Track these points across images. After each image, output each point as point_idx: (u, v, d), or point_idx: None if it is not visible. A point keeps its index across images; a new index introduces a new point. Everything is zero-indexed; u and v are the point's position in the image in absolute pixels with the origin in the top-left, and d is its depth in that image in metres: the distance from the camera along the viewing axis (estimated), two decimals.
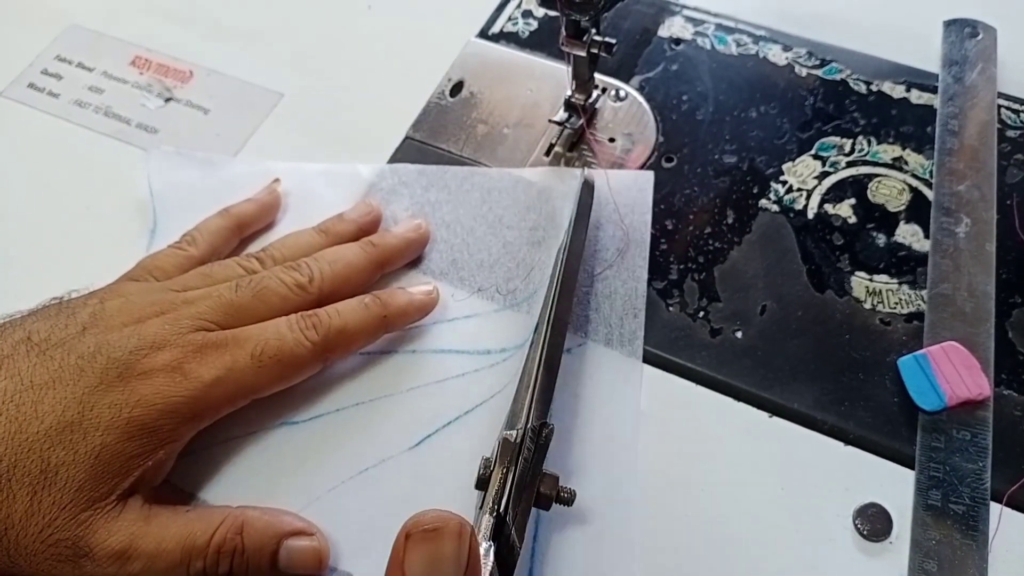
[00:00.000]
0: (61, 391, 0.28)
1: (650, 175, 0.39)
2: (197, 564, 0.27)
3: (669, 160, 0.40)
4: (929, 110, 0.41)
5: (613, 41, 0.37)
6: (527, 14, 0.47)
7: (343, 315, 0.33)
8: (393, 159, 0.41)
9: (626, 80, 0.43)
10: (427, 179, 0.40)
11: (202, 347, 0.30)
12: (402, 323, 0.35)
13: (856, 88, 0.42)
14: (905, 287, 0.36)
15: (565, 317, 0.32)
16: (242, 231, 0.38)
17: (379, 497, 0.31)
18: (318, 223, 0.37)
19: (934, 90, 0.41)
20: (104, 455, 0.27)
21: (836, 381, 0.33)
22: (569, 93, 0.40)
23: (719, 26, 0.45)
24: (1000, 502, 0.30)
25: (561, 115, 0.41)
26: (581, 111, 0.41)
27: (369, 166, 0.41)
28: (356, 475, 0.32)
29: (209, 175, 0.40)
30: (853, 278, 0.36)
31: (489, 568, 0.24)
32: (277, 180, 0.40)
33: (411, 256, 0.37)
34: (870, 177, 0.39)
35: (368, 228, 0.38)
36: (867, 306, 0.35)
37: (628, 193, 0.38)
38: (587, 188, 0.37)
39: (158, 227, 0.39)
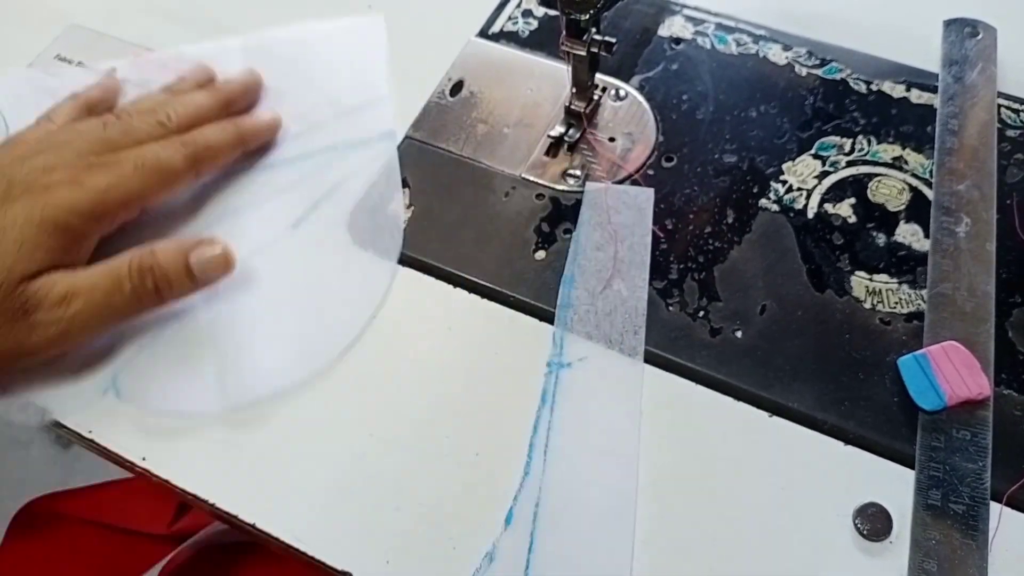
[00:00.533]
0: None
1: (650, 193, 0.39)
2: (126, 287, 0.34)
3: (669, 160, 0.40)
4: (929, 110, 0.41)
5: (613, 40, 0.37)
6: (527, 13, 0.47)
7: (206, 135, 0.39)
8: None
9: (626, 80, 0.43)
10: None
11: (90, 166, 0.35)
12: (255, 140, 0.41)
13: (856, 88, 0.42)
14: (905, 287, 0.36)
15: None
16: (92, 112, 0.40)
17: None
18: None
19: (934, 90, 0.41)
20: (26, 245, 0.32)
21: (836, 381, 0.33)
22: (568, 101, 0.40)
23: (719, 26, 0.45)
24: (1000, 502, 0.30)
25: (558, 129, 0.41)
26: (581, 118, 0.40)
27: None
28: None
29: (57, 87, 0.42)
30: (853, 278, 0.36)
31: None
32: (114, 69, 0.44)
33: (252, 98, 0.43)
34: (870, 177, 0.39)
35: (205, 83, 0.42)
36: (867, 306, 0.35)
37: (628, 212, 0.38)
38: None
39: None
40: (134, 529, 0.51)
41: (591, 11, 0.34)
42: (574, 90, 0.40)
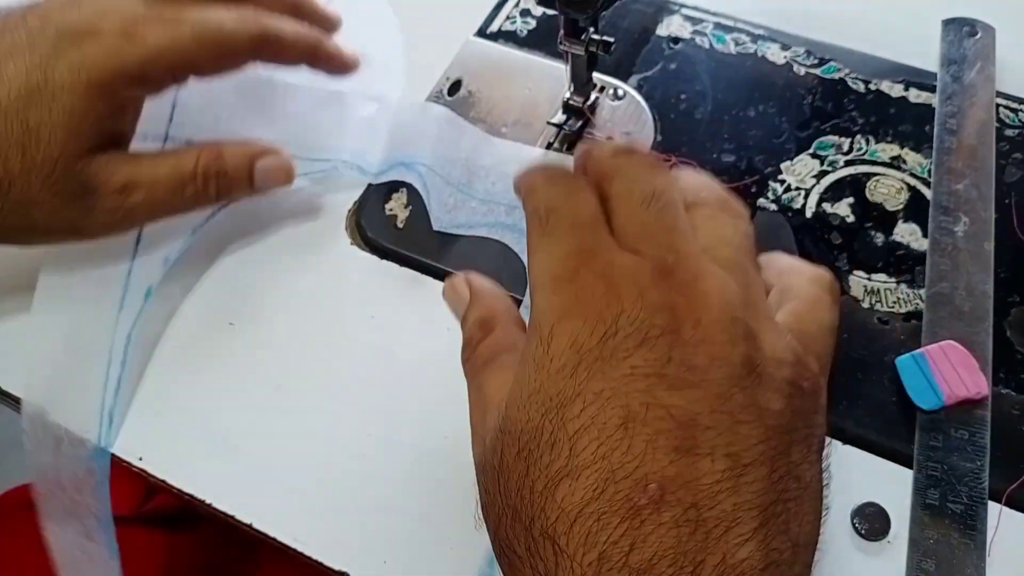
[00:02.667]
0: (20, 60, 0.30)
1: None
2: (189, 188, 0.33)
3: (668, 159, 0.40)
4: (927, 109, 0.41)
5: (611, 40, 0.37)
6: (525, 13, 0.47)
7: (282, 25, 0.35)
8: None
9: (624, 79, 0.43)
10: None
11: (148, 17, 0.31)
12: (327, 66, 0.37)
13: (854, 87, 0.42)
14: (903, 286, 0.36)
15: None
16: None
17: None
18: None
19: (932, 89, 0.41)
20: (76, 114, 0.30)
21: (834, 380, 0.33)
22: (568, 95, 0.40)
23: (718, 25, 0.45)
24: (998, 501, 0.30)
25: (559, 117, 0.41)
26: (580, 113, 0.40)
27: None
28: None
29: None
30: (851, 277, 0.36)
31: None
32: None
33: (327, 24, 0.39)
34: (868, 176, 0.39)
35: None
36: (865, 305, 0.35)
37: None
38: None
39: None
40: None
41: (589, 10, 0.34)
42: (572, 89, 0.40)
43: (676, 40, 0.45)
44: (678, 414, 0.20)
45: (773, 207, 0.38)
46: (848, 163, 0.39)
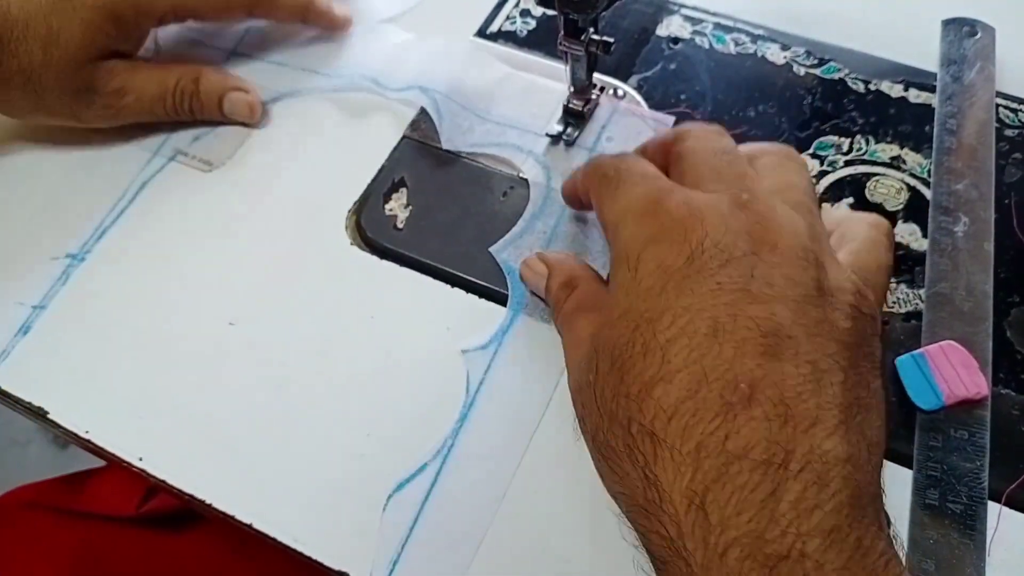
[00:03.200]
0: None
1: (670, 121, 0.40)
2: (168, 101, 0.40)
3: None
4: (927, 109, 0.41)
5: (611, 40, 0.37)
6: (525, 13, 0.47)
7: None
8: (391, 158, 0.41)
9: (624, 79, 0.43)
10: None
11: None
12: (318, 22, 0.44)
13: (854, 87, 0.42)
14: (903, 286, 0.36)
15: None
16: None
17: None
18: None
19: (932, 89, 0.41)
20: (91, 28, 0.37)
21: None
22: (567, 99, 0.40)
23: (717, 25, 0.45)
24: (998, 501, 0.30)
25: (556, 127, 0.41)
26: (580, 117, 0.40)
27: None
28: None
29: None
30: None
31: None
32: None
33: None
34: (868, 176, 0.39)
35: None
36: None
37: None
38: None
39: None
40: (103, 514, 0.51)
41: (589, 11, 0.34)
42: (572, 89, 0.40)
43: (676, 40, 0.45)
44: (763, 324, 0.22)
45: None
46: (848, 163, 0.39)
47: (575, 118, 0.41)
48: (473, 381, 0.34)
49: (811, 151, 0.40)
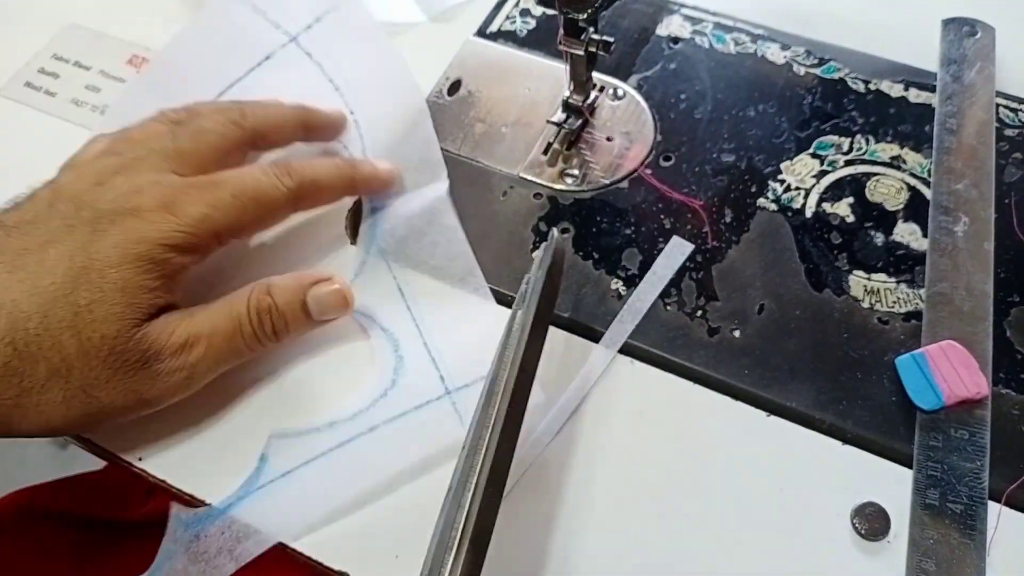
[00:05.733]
0: (60, 247, 0.30)
1: (688, 248, 0.37)
2: (246, 329, 0.32)
3: (667, 159, 0.40)
4: (927, 109, 0.41)
5: (611, 40, 0.37)
6: (525, 12, 0.47)
7: (316, 168, 0.35)
8: None
9: (624, 79, 0.43)
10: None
11: (184, 187, 0.32)
12: (367, 189, 0.37)
13: (854, 87, 0.42)
14: (903, 286, 0.36)
15: (503, 461, 0.26)
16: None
17: None
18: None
19: (932, 89, 0.41)
20: (129, 288, 0.29)
21: (834, 380, 0.33)
22: (567, 94, 0.40)
23: (717, 25, 0.45)
24: (998, 501, 0.30)
25: (559, 116, 0.41)
26: (580, 112, 0.40)
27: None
28: None
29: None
30: (851, 277, 0.36)
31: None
32: None
33: (337, 126, 0.39)
34: (868, 176, 0.39)
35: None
36: (865, 305, 0.35)
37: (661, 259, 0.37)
38: (558, 256, 0.32)
39: None
40: (106, 517, 0.51)
41: (589, 10, 0.34)
42: (572, 88, 0.40)
43: (676, 40, 0.45)
44: None
45: (773, 207, 0.38)
46: (848, 163, 0.39)
47: (575, 113, 0.41)
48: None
49: (811, 151, 0.40)
